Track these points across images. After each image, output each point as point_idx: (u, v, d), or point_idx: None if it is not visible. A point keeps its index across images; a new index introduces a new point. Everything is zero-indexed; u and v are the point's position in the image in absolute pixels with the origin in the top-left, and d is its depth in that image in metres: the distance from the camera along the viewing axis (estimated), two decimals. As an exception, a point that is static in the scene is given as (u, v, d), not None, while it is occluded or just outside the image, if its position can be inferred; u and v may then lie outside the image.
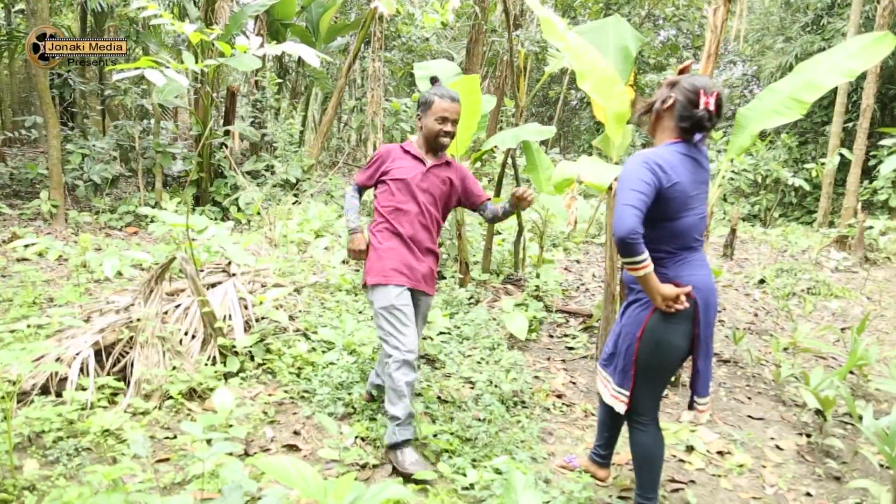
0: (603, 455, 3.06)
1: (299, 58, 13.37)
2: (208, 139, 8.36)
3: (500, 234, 8.30)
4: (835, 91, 13.31)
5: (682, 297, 2.38)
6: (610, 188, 4.22)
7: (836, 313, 6.84)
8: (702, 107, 2.40)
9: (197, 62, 3.16)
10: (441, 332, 4.68)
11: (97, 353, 3.37)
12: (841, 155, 12.06)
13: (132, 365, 3.36)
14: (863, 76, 12.31)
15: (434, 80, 3.16)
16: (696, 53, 17.97)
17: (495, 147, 6.40)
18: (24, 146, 12.37)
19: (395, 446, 2.93)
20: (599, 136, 4.89)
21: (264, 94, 10.87)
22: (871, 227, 10.97)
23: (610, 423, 2.97)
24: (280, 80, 11.92)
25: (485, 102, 5.43)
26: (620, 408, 2.65)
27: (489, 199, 3.26)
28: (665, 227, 2.41)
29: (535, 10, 4.02)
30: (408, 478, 2.80)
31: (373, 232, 3.10)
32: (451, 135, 3.05)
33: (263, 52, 3.21)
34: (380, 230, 3.07)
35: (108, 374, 3.36)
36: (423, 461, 2.92)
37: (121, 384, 3.27)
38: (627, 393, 2.62)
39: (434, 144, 3.06)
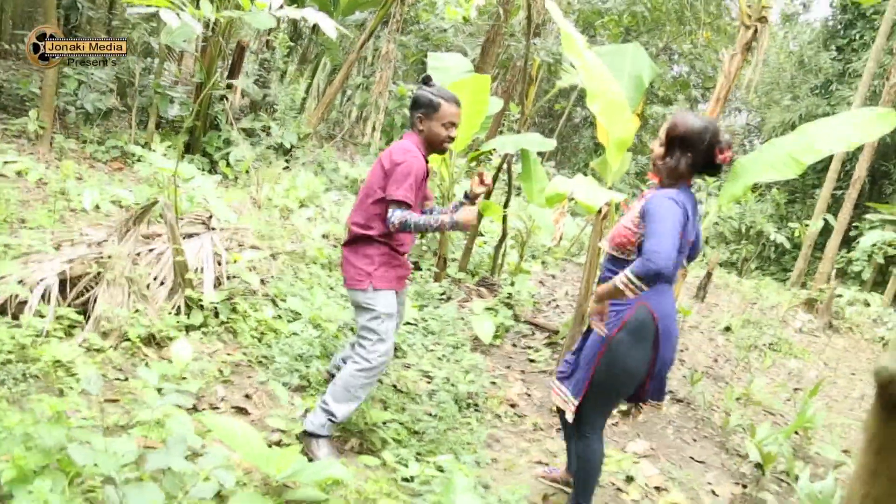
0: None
1: (315, 25, 13.26)
2: (210, 89, 8.26)
3: (482, 236, 8.32)
4: (831, 157, 13.52)
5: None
6: (599, 211, 4.25)
7: (792, 373, 6.96)
8: (720, 160, 2.54)
9: (214, 10, 3.12)
10: (408, 323, 4.69)
11: (62, 283, 3.32)
12: (825, 220, 12.26)
13: (95, 301, 3.32)
14: (860, 148, 12.52)
15: (427, 80, 2.99)
16: (704, 94, 18.16)
17: (494, 150, 6.42)
18: (20, 61, 12.10)
19: (315, 435, 2.86)
20: (598, 159, 4.92)
21: (274, 54, 10.76)
22: (840, 296, 11.18)
23: (572, 436, 3.06)
24: (292, 44, 11.81)
25: (491, 104, 5.44)
26: (570, 416, 2.74)
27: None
28: None
29: (559, 23, 4.03)
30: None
31: (377, 239, 2.90)
32: (454, 139, 2.99)
33: (281, 14, 3.18)
34: (384, 242, 2.91)
35: (70, 305, 3.32)
36: (337, 456, 2.83)
37: (80, 318, 3.23)
38: (577, 403, 2.70)
39: (437, 149, 2.98)
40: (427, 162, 2.94)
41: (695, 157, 2.51)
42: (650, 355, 2.55)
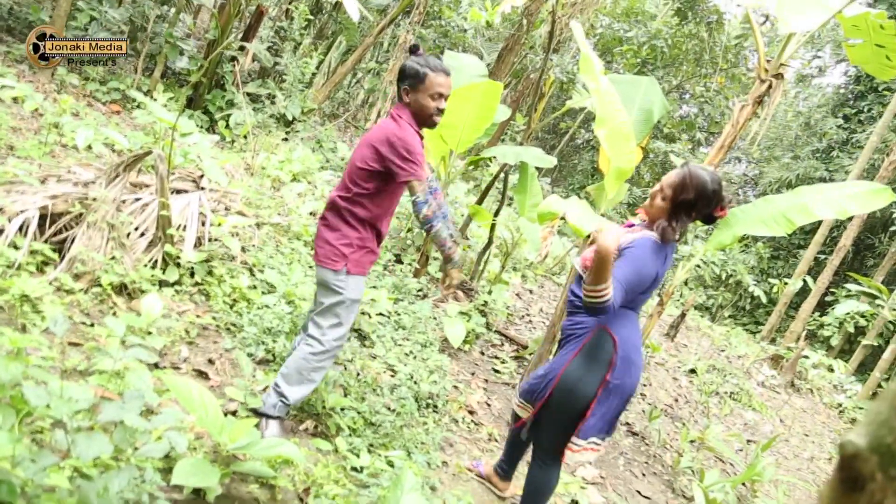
0: (505, 470, 3.24)
1: (337, 2, 13.22)
2: (222, 48, 8.19)
3: (467, 239, 8.33)
4: (821, 222, 13.70)
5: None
6: (588, 236, 4.26)
7: (748, 424, 7.04)
8: (717, 215, 2.57)
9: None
10: (381, 314, 4.68)
11: (41, 218, 3.28)
12: (805, 281, 12.42)
13: (73, 241, 3.28)
14: (850, 217, 12.70)
15: (415, 49, 2.76)
16: (708, 138, 18.32)
17: (493, 157, 6.42)
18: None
19: (266, 415, 2.81)
20: (595, 184, 4.94)
21: (291, 24, 10.69)
22: (807, 357, 11.32)
23: (515, 444, 3.13)
24: (311, 17, 11.74)
25: (499, 112, 5.44)
26: (524, 414, 2.83)
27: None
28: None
29: (580, 44, 4.04)
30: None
31: (359, 222, 2.75)
32: (443, 112, 2.79)
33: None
34: (364, 222, 2.76)
35: (46, 241, 3.27)
36: (284, 439, 2.69)
37: (55, 256, 3.19)
38: (532, 410, 2.75)
39: (427, 123, 2.77)
40: (421, 137, 2.78)
41: (697, 216, 2.53)
42: (603, 376, 2.53)
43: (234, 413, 2.83)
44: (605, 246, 2.15)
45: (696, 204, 2.46)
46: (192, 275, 3.79)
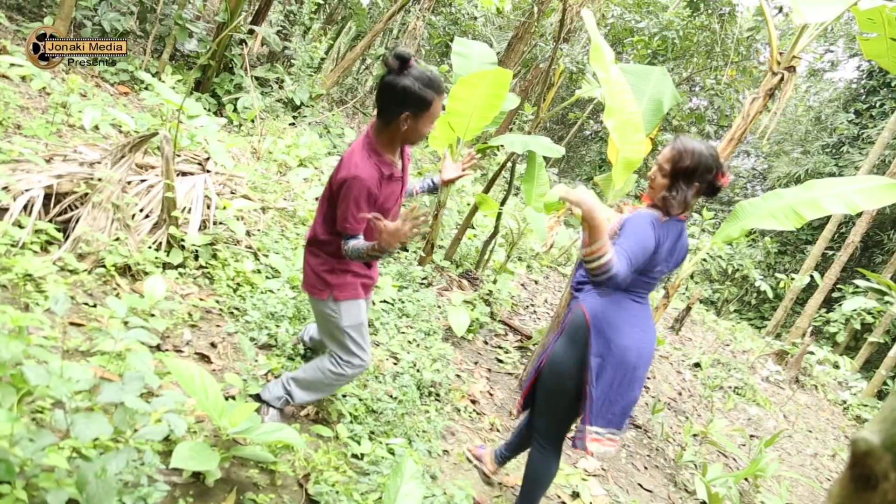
0: (504, 455, 3.24)
1: (347, -12, 13.15)
2: (231, 31, 8.15)
3: (473, 228, 8.30)
4: (829, 217, 13.62)
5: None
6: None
7: (751, 419, 7.02)
8: (720, 184, 2.51)
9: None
10: (385, 301, 4.66)
11: (46, 197, 3.27)
12: (812, 277, 12.35)
13: (77, 221, 3.27)
14: (859, 213, 12.62)
15: (406, 61, 2.31)
16: (717, 131, 18.17)
17: (501, 146, 6.38)
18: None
19: (267, 404, 2.80)
20: (603, 175, 4.91)
21: (301, 9, 10.64)
22: (812, 353, 11.27)
23: (522, 434, 3.12)
24: (321, 2, 11.68)
25: (507, 100, 5.39)
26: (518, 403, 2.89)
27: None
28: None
29: (591, 33, 3.99)
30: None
31: (338, 248, 2.54)
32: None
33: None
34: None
35: (51, 221, 3.27)
36: (284, 424, 2.56)
37: (59, 236, 3.18)
38: (520, 394, 2.80)
39: (411, 143, 2.52)
40: (384, 165, 2.45)
41: (700, 186, 2.46)
42: (583, 354, 2.50)
43: (234, 398, 2.82)
44: (581, 197, 2.09)
45: (696, 171, 2.41)
46: (197, 258, 3.78)
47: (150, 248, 3.47)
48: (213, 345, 3.18)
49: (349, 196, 2.35)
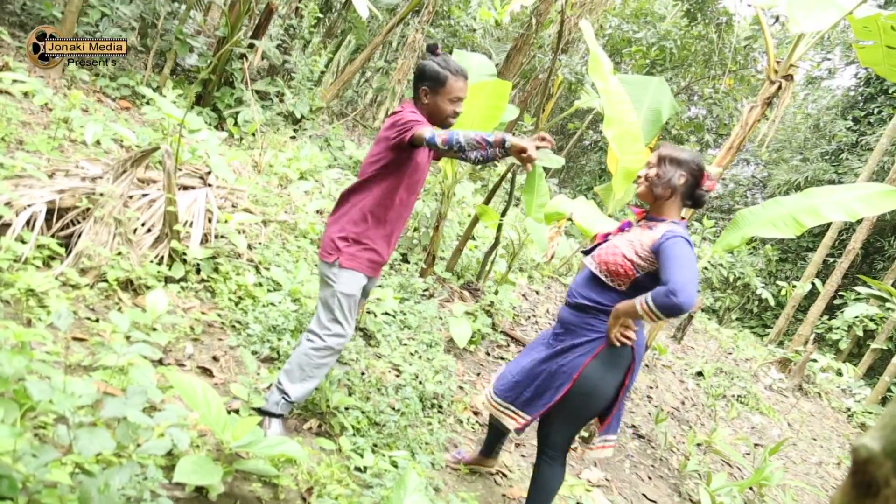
0: (488, 452, 3.29)
1: (346, 1, 13.24)
2: (231, 45, 8.20)
3: (474, 239, 8.31)
4: (829, 224, 13.63)
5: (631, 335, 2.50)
6: (594, 237, 4.24)
7: (755, 428, 7.00)
8: (705, 188, 2.54)
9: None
10: (386, 313, 4.66)
11: (49, 212, 3.28)
12: (813, 284, 12.34)
13: (79, 236, 3.28)
14: (859, 220, 12.63)
15: (434, 49, 2.77)
16: (716, 139, 18.21)
17: (502, 157, 6.39)
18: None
19: (269, 413, 2.81)
20: (603, 185, 4.92)
21: (301, 22, 10.70)
22: (815, 360, 11.25)
23: (499, 434, 3.21)
24: (320, 16, 11.75)
25: (507, 111, 5.41)
26: (512, 425, 2.74)
27: None
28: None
29: (589, 44, 4.02)
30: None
31: (359, 213, 2.75)
32: (458, 115, 2.79)
33: (318, -16, 3.15)
34: (367, 214, 2.75)
35: (53, 236, 3.28)
36: (286, 437, 2.65)
37: (61, 251, 3.19)
38: (529, 418, 2.69)
39: (441, 125, 2.77)
40: None
41: (687, 176, 2.50)
42: (621, 381, 2.57)
43: (237, 411, 2.82)
44: (617, 310, 2.41)
45: (679, 159, 2.50)
46: (198, 271, 3.79)
47: (151, 262, 3.48)
48: (215, 358, 3.18)
49: (403, 114, 2.63)
